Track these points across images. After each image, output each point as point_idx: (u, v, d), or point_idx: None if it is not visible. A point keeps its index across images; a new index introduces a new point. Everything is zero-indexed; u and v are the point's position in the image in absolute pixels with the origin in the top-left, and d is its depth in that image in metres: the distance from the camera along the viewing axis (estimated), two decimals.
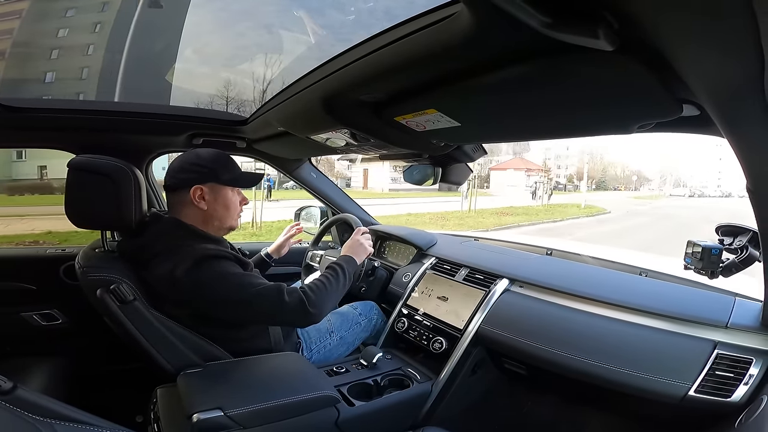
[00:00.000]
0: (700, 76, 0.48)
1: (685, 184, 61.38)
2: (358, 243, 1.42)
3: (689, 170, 66.11)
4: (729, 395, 0.95)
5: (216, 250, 1.13)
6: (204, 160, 1.20)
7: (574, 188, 48.28)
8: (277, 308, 1.09)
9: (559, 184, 46.90)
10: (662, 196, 43.83)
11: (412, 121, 0.95)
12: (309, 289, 1.15)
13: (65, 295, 1.64)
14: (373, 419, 1.20)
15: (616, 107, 0.71)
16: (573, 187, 49.46)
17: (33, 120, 1.43)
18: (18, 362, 1.44)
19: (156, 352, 1.08)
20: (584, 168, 44.24)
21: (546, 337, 1.22)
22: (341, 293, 1.25)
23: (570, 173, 57.68)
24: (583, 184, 33.03)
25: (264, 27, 2.24)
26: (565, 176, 55.81)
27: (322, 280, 1.21)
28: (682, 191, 52.64)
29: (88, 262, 1.12)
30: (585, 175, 36.88)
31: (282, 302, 1.09)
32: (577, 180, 54.24)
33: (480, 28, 0.52)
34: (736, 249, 1.01)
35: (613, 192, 53.75)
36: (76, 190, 1.13)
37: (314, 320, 1.15)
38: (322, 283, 1.20)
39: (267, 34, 2.07)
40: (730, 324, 1.03)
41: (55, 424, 0.59)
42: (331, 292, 1.20)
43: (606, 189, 56.64)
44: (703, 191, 52.70)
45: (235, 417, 0.95)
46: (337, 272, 1.25)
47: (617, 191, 55.37)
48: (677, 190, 55.20)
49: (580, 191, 45.98)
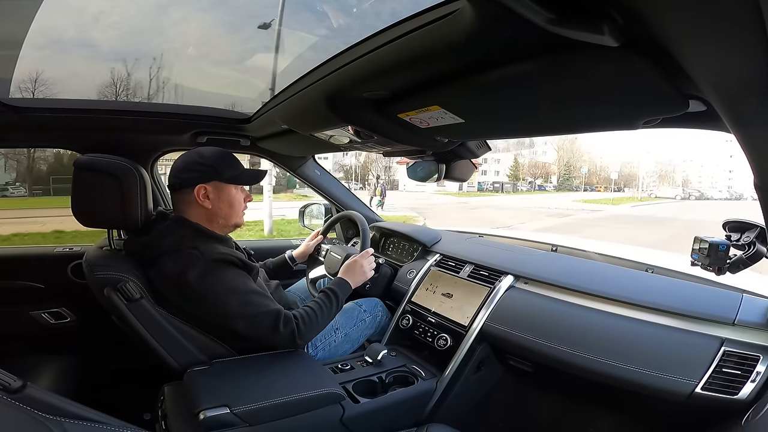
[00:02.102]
0: (707, 73, 0.47)
1: (689, 182, 53.40)
2: (359, 266, 1.44)
3: (695, 167, 57.99)
4: (736, 392, 0.94)
5: (224, 254, 1.14)
6: (207, 159, 1.21)
7: (513, 188, 42.82)
8: (270, 334, 1.14)
9: (496, 183, 43.02)
10: (633, 200, 35.16)
11: (416, 118, 0.95)
12: (302, 321, 1.19)
13: (73, 294, 1.65)
14: (377, 416, 1.20)
15: (621, 103, 0.70)
16: (511, 186, 43.35)
17: (38, 120, 1.44)
18: (27, 361, 1.45)
19: (163, 349, 1.10)
20: (515, 159, 37.85)
21: (551, 334, 1.21)
22: (330, 320, 1.30)
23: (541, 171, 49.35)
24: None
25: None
26: (506, 173, 46.11)
27: (315, 309, 1.24)
28: (674, 192, 43.73)
29: (95, 261, 1.13)
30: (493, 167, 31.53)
31: (276, 331, 1.14)
32: (542, 178, 48.52)
33: (483, 25, 0.51)
34: (744, 245, 1.00)
35: (572, 193, 43.02)
36: (83, 189, 1.14)
37: (300, 347, 1.22)
38: (314, 312, 1.23)
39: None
40: (737, 321, 1.02)
41: (65, 422, 0.60)
42: (322, 321, 1.25)
43: (570, 189, 47.38)
44: (704, 192, 45.40)
45: (242, 414, 0.96)
46: (330, 300, 1.29)
47: (586, 191, 46.06)
48: (671, 190, 45.18)
49: (521, 192, 40.96)
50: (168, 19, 2.27)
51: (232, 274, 1.13)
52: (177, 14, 2.21)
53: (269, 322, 1.13)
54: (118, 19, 2.33)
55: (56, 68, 2.31)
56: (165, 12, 2.27)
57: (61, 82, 2.41)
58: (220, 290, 1.10)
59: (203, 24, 2.34)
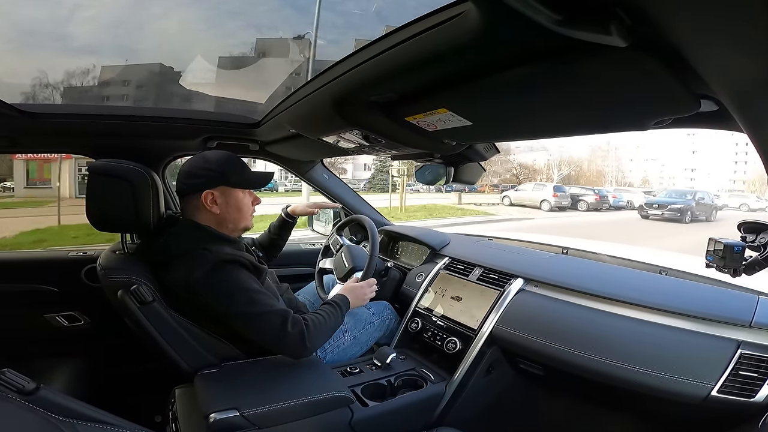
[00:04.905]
0: (718, 73, 0.46)
1: (631, 183, 36.21)
2: (360, 289, 1.43)
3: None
4: (753, 395, 0.93)
5: (233, 254, 1.15)
6: (212, 164, 1.22)
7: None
8: (278, 334, 1.10)
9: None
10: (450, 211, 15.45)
11: (424, 121, 0.95)
12: (312, 323, 1.16)
13: (86, 297, 1.68)
14: (386, 420, 1.20)
15: (631, 104, 0.69)
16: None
17: (52, 125, 1.47)
18: (41, 363, 1.48)
19: (174, 352, 1.11)
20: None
21: (563, 337, 1.20)
22: (334, 331, 1.28)
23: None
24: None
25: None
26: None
27: (324, 316, 1.22)
28: (540, 195, 17.63)
29: (109, 264, 1.15)
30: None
31: (284, 330, 1.10)
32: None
33: (489, 27, 0.51)
34: (760, 246, 0.98)
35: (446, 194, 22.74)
36: (97, 193, 1.16)
37: (307, 355, 1.17)
38: (323, 318, 1.21)
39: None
40: (753, 323, 1.00)
41: (77, 424, 0.61)
42: (328, 330, 1.23)
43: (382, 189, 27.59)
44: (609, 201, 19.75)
45: (251, 417, 0.96)
46: (336, 311, 1.27)
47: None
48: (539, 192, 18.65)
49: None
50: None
51: (241, 275, 1.13)
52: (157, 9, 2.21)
53: (277, 322, 1.11)
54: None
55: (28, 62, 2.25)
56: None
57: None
58: (228, 289, 1.10)
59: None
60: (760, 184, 36.90)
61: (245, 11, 2.41)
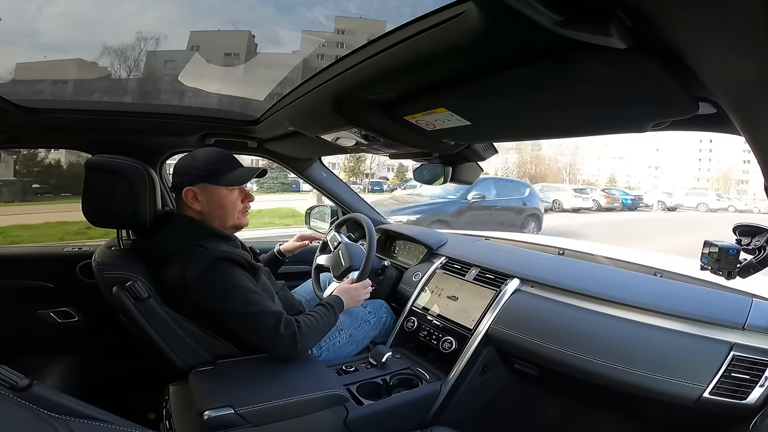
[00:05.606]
0: (717, 74, 0.47)
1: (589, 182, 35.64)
2: (355, 291, 1.44)
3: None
4: (745, 397, 0.93)
5: (228, 252, 1.14)
6: (196, 161, 1.21)
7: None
8: (271, 335, 1.11)
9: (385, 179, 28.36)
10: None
11: (422, 120, 0.95)
12: (304, 325, 1.17)
13: (81, 293, 1.67)
14: (381, 418, 1.20)
15: (630, 106, 0.69)
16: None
17: (49, 121, 1.46)
18: (34, 360, 1.47)
19: (169, 348, 1.10)
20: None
21: (558, 337, 1.20)
22: (327, 332, 1.29)
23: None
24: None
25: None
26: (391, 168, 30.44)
27: (316, 317, 1.23)
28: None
29: (104, 260, 1.15)
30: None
31: (277, 331, 1.11)
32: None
33: (489, 27, 0.51)
34: (754, 249, 0.99)
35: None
36: (93, 189, 1.15)
37: (297, 356, 1.17)
38: (316, 320, 1.22)
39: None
40: (747, 325, 1.01)
41: (70, 421, 0.60)
42: (320, 332, 1.24)
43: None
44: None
45: (245, 415, 0.96)
46: (329, 313, 1.28)
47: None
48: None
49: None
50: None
51: (235, 273, 1.13)
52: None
53: (270, 323, 1.11)
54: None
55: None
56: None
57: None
58: (222, 287, 1.10)
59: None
60: (723, 182, 37.19)
61: (223, 8, 2.37)
